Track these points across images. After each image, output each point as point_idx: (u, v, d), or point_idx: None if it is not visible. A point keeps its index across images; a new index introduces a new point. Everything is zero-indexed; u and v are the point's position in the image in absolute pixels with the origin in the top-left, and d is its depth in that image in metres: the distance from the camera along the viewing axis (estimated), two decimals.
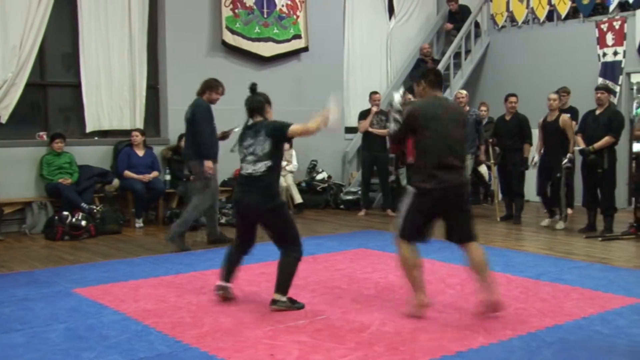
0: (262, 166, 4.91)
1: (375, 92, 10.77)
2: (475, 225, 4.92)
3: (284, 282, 4.97)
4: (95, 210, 8.59)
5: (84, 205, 8.54)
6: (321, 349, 4.07)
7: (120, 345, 4.18)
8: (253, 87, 5.20)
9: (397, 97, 5.02)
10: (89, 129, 9.49)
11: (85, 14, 9.33)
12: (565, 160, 8.46)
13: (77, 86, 9.41)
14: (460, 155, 4.82)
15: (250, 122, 5.14)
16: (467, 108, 9.67)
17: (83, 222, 8.29)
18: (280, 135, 4.96)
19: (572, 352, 4.03)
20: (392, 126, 4.93)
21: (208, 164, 7.39)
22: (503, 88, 10.64)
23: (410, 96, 10.34)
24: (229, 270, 5.25)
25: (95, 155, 9.43)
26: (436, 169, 4.65)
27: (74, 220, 8.25)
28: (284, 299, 4.94)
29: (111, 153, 9.54)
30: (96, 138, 9.61)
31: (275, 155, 4.97)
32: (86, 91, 9.41)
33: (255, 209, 4.96)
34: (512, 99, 9.40)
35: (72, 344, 4.21)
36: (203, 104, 7.50)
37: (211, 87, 7.55)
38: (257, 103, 5.14)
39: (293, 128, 4.93)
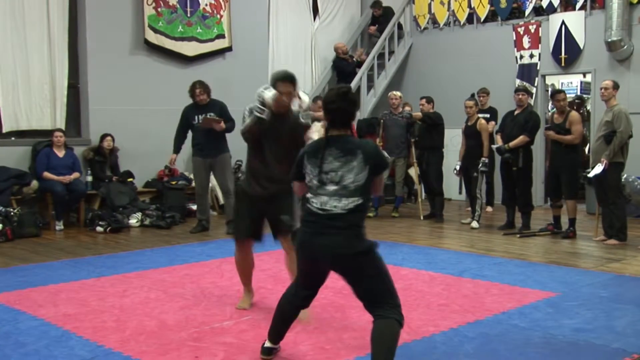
0: (349, 203, 3.46)
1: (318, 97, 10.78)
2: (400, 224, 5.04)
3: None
4: (12, 213, 8.29)
5: (0, 208, 8.25)
6: (247, 350, 4.06)
7: (39, 352, 4.05)
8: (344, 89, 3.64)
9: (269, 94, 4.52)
10: (5, 129, 9.17)
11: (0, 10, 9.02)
12: (480, 164, 8.71)
13: None
14: None
15: (334, 133, 3.59)
16: (400, 109, 9.81)
17: None
18: (380, 168, 3.59)
19: (491, 346, 4.15)
20: None
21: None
22: (425, 89, 10.83)
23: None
24: (280, 328, 3.90)
25: (13, 156, 9.10)
26: None
27: None
28: None
29: (29, 154, 9.24)
30: (13, 138, 9.29)
31: (368, 191, 3.57)
32: (2, 90, 9.08)
33: (336, 253, 3.47)
34: (421, 101, 9.64)
35: None
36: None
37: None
38: (349, 108, 3.60)
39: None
